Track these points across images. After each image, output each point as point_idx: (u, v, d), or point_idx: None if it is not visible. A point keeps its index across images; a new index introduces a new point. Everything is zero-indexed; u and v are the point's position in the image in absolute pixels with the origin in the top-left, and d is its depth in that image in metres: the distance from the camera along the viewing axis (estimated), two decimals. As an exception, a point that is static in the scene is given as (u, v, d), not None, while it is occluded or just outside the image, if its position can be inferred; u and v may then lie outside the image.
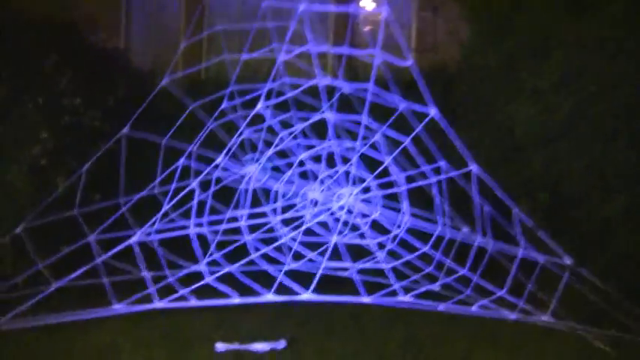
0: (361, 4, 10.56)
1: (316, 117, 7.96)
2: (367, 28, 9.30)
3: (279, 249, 7.72)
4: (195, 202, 7.60)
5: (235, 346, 6.58)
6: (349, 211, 7.87)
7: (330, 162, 8.08)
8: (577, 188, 7.93)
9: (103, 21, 10.45)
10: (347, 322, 7.35)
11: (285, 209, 8.05)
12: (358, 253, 7.79)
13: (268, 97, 7.78)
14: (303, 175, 8.17)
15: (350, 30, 9.13)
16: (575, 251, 7.08)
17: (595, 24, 8.07)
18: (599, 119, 7.75)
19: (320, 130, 8.14)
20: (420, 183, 7.70)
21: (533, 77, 8.14)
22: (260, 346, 6.58)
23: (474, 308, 6.88)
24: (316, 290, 6.85)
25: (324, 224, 7.93)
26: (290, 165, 8.09)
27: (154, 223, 7.36)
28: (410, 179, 7.77)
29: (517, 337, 7.09)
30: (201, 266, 7.17)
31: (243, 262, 7.33)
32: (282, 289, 6.88)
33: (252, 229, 7.82)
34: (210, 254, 7.38)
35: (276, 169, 8.15)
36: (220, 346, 6.55)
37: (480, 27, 9.28)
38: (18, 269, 7.19)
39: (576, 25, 8.16)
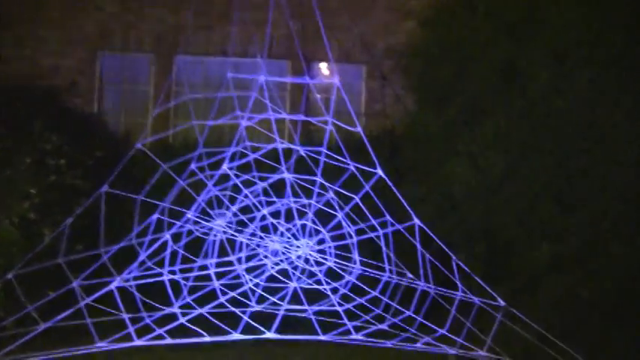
0: (315, 73, 11.05)
1: (275, 177, 8.56)
2: (320, 96, 9.83)
3: (244, 294, 8.13)
4: (168, 251, 8.15)
5: (206, 379, 6.99)
6: (306, 260, 8.38)
7: (289, 216, 8.58)
8: (508, 239, 8.57)
9: (79, 87, 10.91)
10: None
11: (249, 258, 8.51)
12: (315, 297, 8.21)
13: (232, 159, 8.38)
14: (265, 229, 8.58)
15: (305, 99, 9.74)
16: (508, 294, 7.66)
17: (522, 93, 8.79)
18: (525, 178, 8.42)
19: (279, 188, 8.63)
20: (369, 235, 8.23)
21: (469, 142, 8.79)
22: (228, 379, 7.02)
23: (419, 345, 7.29)
24: (278, 330, 7.29)
25: (284, 272, 8.38)
26: (253, 219, 8.61)
27: (131, 271, 7.90)
28: (360, 232, 8.30)
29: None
30: (175, 309, 7.65)
31: (212, 304, 7.80)
32: (248, 329, 7.30)
33: (220, 275, 8.27)
34: (183, 298, 7.92)
35: (240, 223, 8.64)
36: (192, 381, 6.98)
37: (423, 96, 9.93)
38: (8, 312, 7.68)
39: (507, 94, 8.87)
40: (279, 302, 7.98)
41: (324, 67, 11.08)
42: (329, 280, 8.35)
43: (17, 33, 11.12)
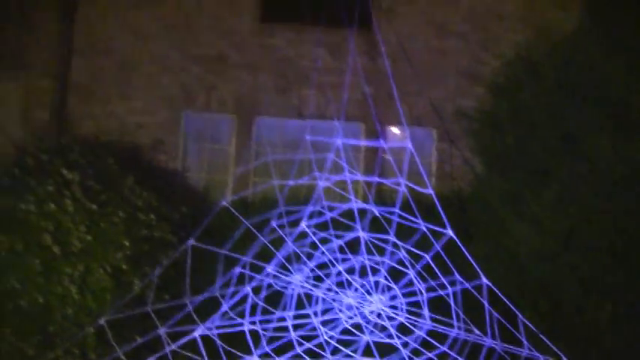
0: (388, 136, 11.39)
1: (351, 235, 8.85)
2: (393, 159, 10.12)
3: (319, 345, 8.44)
4: (249, 303, 8.53)
5: None
6: (378, 315, 8.65)
7: (363, 273, 8.83)
8: (571, 298, 8.77)
9: (164, 145, 11.45)
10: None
11: (324, 312, 8.77)
12: (386, 350, 8.45)
13: (310, 217, 8.81)
14: (340, 284, 8.85)
15: (379, 161, 10.10)
16: (572, 352, 7.81)
17: (584, 160, 9.05)
18: (587, 241, 8.67)
19: (354, 246, 8.88)
20: (439, 293, 8.48)
21: (533, 205, 9.07)
22: None
23: (485, 399, 7.77)
24: (351, 381, 7.86)
25: (357, 325, 8.59)
26: (328, 275, 8.91)
27: (214, 320, 8.31)
28: (430, 289, 8.53)
29: None
30: (255, 358, 8.11)
31: (289, 355, 8.26)
32: (324, 379, 7.85)
33: (297, 327, 8.60)
34: (262, 348, 8.31)
35: (317, 278, 8.95)
36: None
37: (490, 159, 10.23)
38: (99, 355, 8.17)
39: (568, 161, 9.13)
40: (352, 354, 8.31)
41: (396, 131, 11.42)
42: (400, 335, 8.57)
43: (106, 91, 11.69)
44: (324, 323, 8.72)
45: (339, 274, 8.89)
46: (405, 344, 8.53)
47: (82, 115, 11.57)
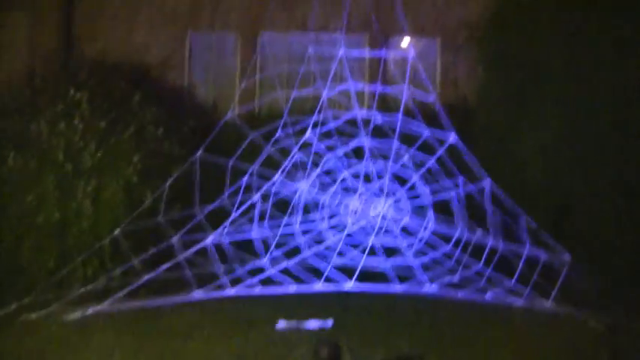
0: (392, 46, 11.47)
1: (355, 142, 9.19)
2: (396, 68, 10.26)
3: (327, 248, 8.83)
4: (257, 211, 8.88)
5: (292, 324, 7.38)
6: (383, 218, 8.97)
7: (367, 179, 9.18)
8: (573, 196, 8.96)
9: (171, 63, 11.62)
10: (382, 309, 8.08)
11: (331, 217, 9.19)
12: (391, 251, 8.84)
13: (315, 126, 9.02)
14: (345, 190, 9.23)
15: (382, 70, 10.23)
16: (573, 249, 8.01)
17: (585, 52, 9.11)
18: (588, 138, 8.80)
19: (358, 152, 9.26)
20: (442, 195, 8.87)
21: (535, 105, 9.19)
22: (312, 324, 7.37)
23: (488, 296, 7.92)
24: (357, 282, 7.98)
25: (363, 228, 8.99)
26: (334, 181, 9.25)
27: (224, 228, 8.61)
28: (434, 192, 8.92)
29: (525, 319, 7.71)
30: (264, 262, 8.45)
31: (297, 258, 8.57)
32: (330, 281, 8.03)
33: (305, 232, 9.05)
34: (271, 252, 8.63)
35: (323, 184, 9.29)
36: (280, 324, 7.36)
37: (492, 66, 10.32)
38: (115, 264, 8.45)
39: (570, 60, 9.22)
40: (358, 256, 8.53)
41: (400, 40, 11.50)
42: (405, 236, 8.96)
43: (112, 13, 11.79)
44: (331, 227, 9.14)
45: (344, 180, 9.23)
46: (410, 245, 8.87)
47: (89, 37, 11.69)
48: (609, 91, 8.83)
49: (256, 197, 8.86)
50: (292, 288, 8.03)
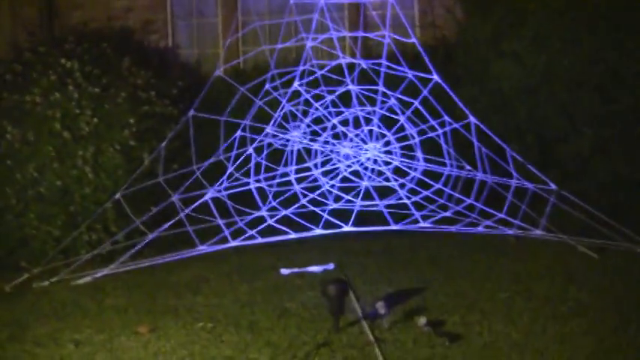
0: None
1: (341, 89, 9.33)
2: (376, 13, 10.37)
3: (322, 194, 9.08)
4: (252, 163, 9.14)
5: (296, 269, 7.64)
6: (375, 161, 9.17)
7: (357, 124, 9.38)
8: (554, 129, 9.20)
9: (154, 25, 11.71)
10: (380, 249, 8.42)
11: (324, 163, 9.34)
12: (385, 192, 9.08)
13: (301, 77, 9.27)
14: (336, 136, 9.39)
15: (362, 16, 10.38)
16: (559, 179, 8.27)
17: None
18: (566, 71, 9.01)
19: (346, 99, 9.39)
20: (430, 135, 9.01)
21: (513, 42, 9.38)
22: (315, 268, 7.63)
23: (480, 228, 8.19)
24: (355, 224, 8.34)
25: (356, 172, 9.20)
26: (324, 129, 9.41)
27: (222, 183, 8.85)
28: (421, 132, 9.06)
29: (518, 249, 8.14)
30: (263, 212, 8.71)
31: (295, 206, 8.82)
32: (328, 225, 8.38)
33: (300, 180, 9.22)
34: (269, 202, 8.92)
35: (314, 132, 9.45)
36: (284, 271, 7.62)
37: (469, 5, 10.47)
38: (119, 227, 8.69)
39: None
40: (353, 199, 8.89)
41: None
42: (397, 177, 9.15)
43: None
44: (325, 174, 9.31)
45: (334, 127, 9.41)
46: (402, 185, 9.09)
47: (69, 7, 11.75)
48: (587, 28, 9.01)
49: (250, 150, 9.11)
50: (292, 235, 8.30)
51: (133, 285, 7.62)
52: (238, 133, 9.16)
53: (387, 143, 9.24)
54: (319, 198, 9.06)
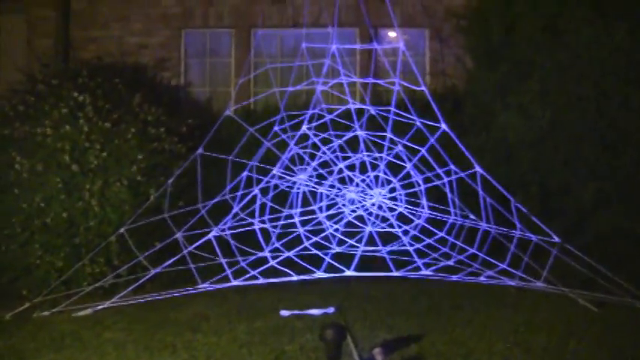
0: (382, 39, 11.69)
1: (350, 134, 9.43)
2: (387, 60, 10.47)
3: (326, 238, 9.09)
4: (258, 204, 9.15)
5: (296, 312, 7.61)
6: (379, 207, 9.20)
7: (363, 169, 9.42)
8: (558, 181, 9.24)
9: (167, 63, 11.82)
10: (382, 295, 8.39)
11: (329, 207, 9.40)
12: (388, 239, 9.07)
13: (311, 120, 9.34)
14: (342, 180, 9.44)
15: (373, 63, 10.46)
16: (561, 232, 8.22)
17: (565, 49, 9.44)
18: (570, 125, 9.09)
19: (353, 144, 9.49)
20: (435, 183, 9.04)
21: (519, 95, 9.47)
22: (315, 311, 7.60)
23: (482, 278, 8.15)
24: (357, 269, 8.28)
25: (360, 217, 9.23)
26: (331, 172, 9.47)
27: (226, 222, 8.85)
28: (427, 180, 9.10)
29: (518, 300, 8.08)
30: (266, 253, 8.70)
31: (298, 248, 8.80)
32: (330, 269, 8.31)
33: (304, 223, 9.25)
34: (272, 244, 8.91)
35: (320, 176, 9.51)
36: (284, 313, 7.59)
37: (478, 56, 10.61)
38: (122, 261, 8.70)
39: (550, 51, 9.51)
40: (356, 244, 8.85)
41: (390, 33, 11.69)
42: (400, 224, 9.16)
43: (106, 15, 11.97)
44: (329, 217, 9.36)
45: (340, 171, 9.47)
46: (406, 232, 9.10)
47: (84, 41, 11.88)
48: (592, 83, 9.11)
49: (256, 190, 9.15)
50: (294, 277, 8.26)
51: (133, 320, 7.61)
52: (245, 173, 9.22)
53: (393, 190, 9.28)
54: (323, 241, 9.06)
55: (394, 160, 9.30)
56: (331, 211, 9.39)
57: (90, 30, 12.03)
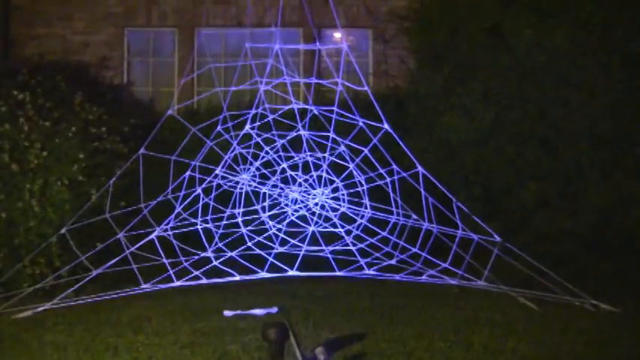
0: (325, 39, 11.73)
1: (293, 134, 9.46)
2: (330, 60, 10.52)
3: (269, 238, 9.07)
4: (200, 204, 9.12)
5: (239, 312, 7.53)
6: (322, 207, 9.24)
7: (306, 169, 9.46)
8: (500, 182, 9.37)
9: (109, 62, 11.74)
10: (325, 295, 8.42)
11: (272, 207, 9.41)
12: (331, 238, 9.10)
13: (254, 120, 9.35)
14: (285, 180, 9.45)
15: (316, 63, 10.49)
16: (503, 231, 8.35)
17: (507, 51, 9.59)
18: (513, 126, 9.24)
19: (296, 144, 9.52)
20: (378, 183, 9.09)
21: (463, 96, 9.58)
22: (258, 311, 7.54)
23: (424, 277, 8.18)
24: (300, 269, 8.28)
25: (303, 217, 9.26)
26: (274, 172, 9.48)
27: (169, 222, 8.83)
28: (370, 180, 9.14)
29: (460, 299, 8.12)
30: (209, 253, 8.66)
31: (241, 248, 8.79)
32: (273, 269, 8.30)
33: (247, 223, 9.23)
34: (215, 244, 8.87)
35: (263, 176, 9.51)
36: (227, 313, 7.52)
37: (421, 57, 10.71)
38: (63, 262, 8.58)
39: (493, 53, 9.66)
40: (299, 244, 8.87)
41: (334, 34, 11.73)
42: (343, 224, 9.19)
43: (48, 13, 11.83)
44: (272, 217, 9.35)
45: (283, 171, 9.48)
46: (349, 232, 9.12)
47: (26, 38, 11.73)
48: (532, 84, 9.25)
49: (198, 190, 9.11)
50: (237, 277, 8.23)
51: (75, 321, 7.50)
52: (188, 173, 9.18)
53: (336, 189, 9.32)
54: (266, 241, 9.05)
55: (337, 160, 9.34)
56: (274, 211, 9.40)
57: (31, 27, 11.88)
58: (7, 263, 8.54)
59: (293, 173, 9.47)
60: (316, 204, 9.29)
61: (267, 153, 9.43)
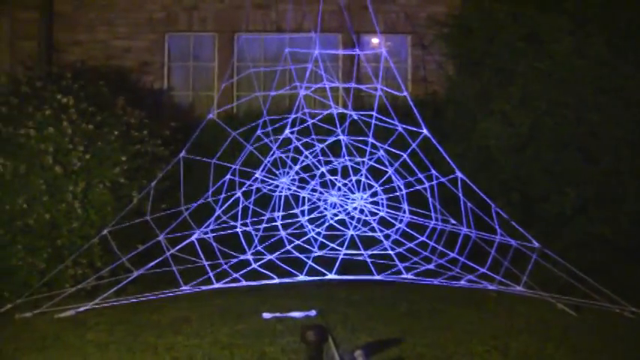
0: (364, 44, 11.76)
1: (332, 139, 9.49)
2: (369, 66, 10.55)
3: (308, 241, 9.10)
4: (240, 207, 9.19)
5: (278, 314, 7.58)
6: (361, 211, 9.25)
7: (345, 173, 9.47)
8: (538, 188, 9.33)
9: (150, 66, 11.84)
10: (362, 298, 8.40)
11: (311, 211, 9.44)
12: (369, 242, 9.04)
13: (293, 124, 9.39)
14: (324, 184, 9.50)
15: (356, 68, 10.51)
16: (541, 236, 8.31)
17: (545, 57, 9.55)
18: (551, 132, 9.18)
19: (335, 149, 9.55)
20: (417, 187, 9.08)
21: (501, 102, 9.55)
22: (296, 314, 7.57)
23: (462, 282, 8.15)
24: (338, 272, 8.28)
25: (342, 221, 9.26)
26: (313, 177, 9.51)
27: (209, 225, 8.87)
28: (408, 185, 9.16)
29: (498, 305, 8.12)
30: (248, 256, 8.70)
31: (280, 251, 8.83)
32: (312, 272, 8.29)
33: (286, 226, 9.28)
34: (255, 246, 8.92)
35: (302, 180, 9.54)
36: (266, 315, 7.57)
37: (460, 63, 10.68)
38: (104, 263, 8.68)
39: (532, 59, 9.61)
40: (338, 248, 8.87)
41: (373, 40, 11.75)
42: (382, 228, 9.19)
43: (90, 19, 11.96)
44: (311, 221, 9.36)
45: (322, 175, 9.51)
46: (387, 236, 9.11)
47: (69, 44, 11.86)
48: (570, 90, 9.19)
49: (238, 194, 9.15)
50: (276, 280, 8.23)
51: (116, 321, 7.58)
52: (228, 176, 9.24)
53: (374, 194, 9.32)
54: (304, 244, 9.07)
55: (376, 165, 9.34)
56: (313, 215, 9.42)
57: (74, 33, 12.00)
58: (50, 264, 8.59)
59: (332, 177, 9.50)
60: (355, 208, 9.28)
61: (306, 157, 9.47)
